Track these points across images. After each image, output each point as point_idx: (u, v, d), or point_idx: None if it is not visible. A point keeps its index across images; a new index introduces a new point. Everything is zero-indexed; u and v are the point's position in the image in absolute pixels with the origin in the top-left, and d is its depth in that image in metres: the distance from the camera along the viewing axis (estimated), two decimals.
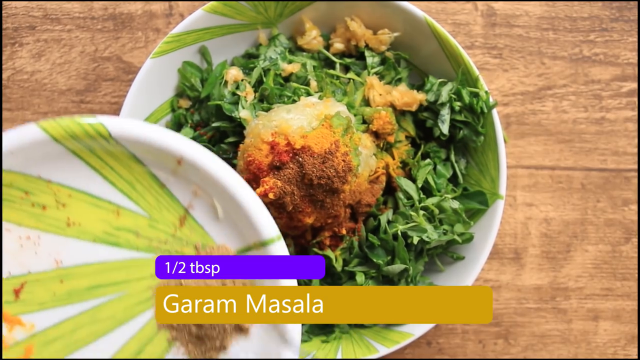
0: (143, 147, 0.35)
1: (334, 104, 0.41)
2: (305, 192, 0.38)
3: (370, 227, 0.44)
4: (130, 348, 0.35)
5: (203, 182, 0.36)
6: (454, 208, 0.43)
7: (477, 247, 0.44)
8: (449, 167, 0.46)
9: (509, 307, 0.51)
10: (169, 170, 0.36)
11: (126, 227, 0.36)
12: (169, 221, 0.36)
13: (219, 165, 0.36)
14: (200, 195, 0.37)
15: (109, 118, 0.35)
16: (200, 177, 0.36)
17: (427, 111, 0.45)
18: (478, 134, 0.44)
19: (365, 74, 0.45)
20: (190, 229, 0.37)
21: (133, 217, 0.36)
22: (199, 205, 0.37)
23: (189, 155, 0.35)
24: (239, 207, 0.36)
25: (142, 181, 0.36)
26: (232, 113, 0.43)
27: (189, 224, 0.37)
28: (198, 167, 0.36)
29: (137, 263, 0.36)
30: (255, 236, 0.36)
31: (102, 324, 0.36)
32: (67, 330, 0.35)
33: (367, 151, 0.42)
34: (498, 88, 0.52)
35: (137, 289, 0.36)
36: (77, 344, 0.35)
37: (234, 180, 0.36)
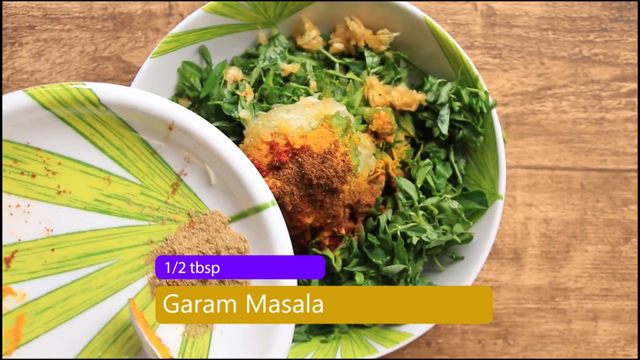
0: (133, 113, 0.35)
1: (334, 104, 0.42)
2: (304, 192, 0.38)
3: (370, 227, 0.44)
4: (123, 316, 0.35)
5: (195, 148, 0.36)
6: (454, 208, 0.44)
7: (477, 247, 0.44)
8: (448, 167, 0.46)
9: (509, 307, 0.51)
10: (160, 136, 0.36)
11: (117, 195, 0.36)
12: (161, 188, 0.36)
13: (210, 131, 0.36)
14: (192, 161, 0.37)
15: (97, 84, 0.35)
16: (192, 143, 0.36)
17: (427, 111, 0.45)
18: (477, 134, 0.44)
19: (364, 74, 0.46)
20: (183, 195, 0.37)
21: (124, 185, 0.36)
22: (191, 172, 0.37)
23: (180, 121, 0.35)
24: (232, 173, 0.36)
25: (133, 148, 0.36)
26: (232, 113, 0.43)
27: (181, 191, 0.37)
28: (190, 133, 0.36)
29: (129, 230, 0.36)
30: (249, 202, 0.36)
31: (95, 293, 0.35)
32: (59, 299, 0.35)
33: (366, 151, 0.42)
34: (497, 88, 0.52)
35: (129, 257, 0.36)
36: (70, 312, 0.35)
37: (226, 145, 0.36)
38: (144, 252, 0.36)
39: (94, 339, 0.35)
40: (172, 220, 0.36)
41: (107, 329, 0.35)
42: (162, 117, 0.35)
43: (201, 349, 0.35)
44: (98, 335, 0.35)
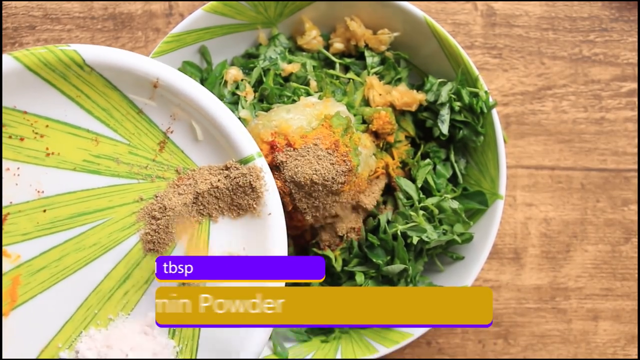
0: (118, 72, 0.36)
1: (334, 104, 0.42)
2: (304, 192, 0.39)
3: (370, 227, 0.44)
4: (117, 273, 0.36)
5: (180, 105, 0.37)
6: (454, 208, 0.44)
7: (477, 247, 0.45)
8: (448, 167, 0.46)
9: (509, 307, 0.52)
10: (145, 94, 0.37)
11: (106, 155, 0.37)
12: (149, 146, 0.37)
13: (195, 87, 0.36)
14: (178, 118, 0.37)
15: (82, 45, 0.36)
16: (177, 100, 0.37)
17: (427, 111, 0.45)
18: (478, 134, 0.45)
19: (365, 74, 0.46)
20: (171, 153, 0.37)
21: (112, 145, 0.37)
22: (178, 129, 0.37)
23: (165, 78, 0.36)
24: (217, 127, 0.36)
25: (119, 108, 0.37)
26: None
27: (168, 148, 0.37)
28: (175, 90, 0.36)
29: (119, 189, 0.37)
30: (235, 155, 0.37)
31: (88, 251, 0.36)
32: (53, 259, 0.36)
33: (366, 151, 0.42)
34: (498, 88, 0.52)
35: (120, 215, 0.36)
36: (64, 272, 0.36)
37: (211, 100, 0.36)
38: (135, 210, 0.37)
39: (90, 296, 0.36)
40: (161, 178, 0.37)
41: (102, 287, 0.36)
42: (146, 75, 0.36)
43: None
44: (93, 292, 0.36)
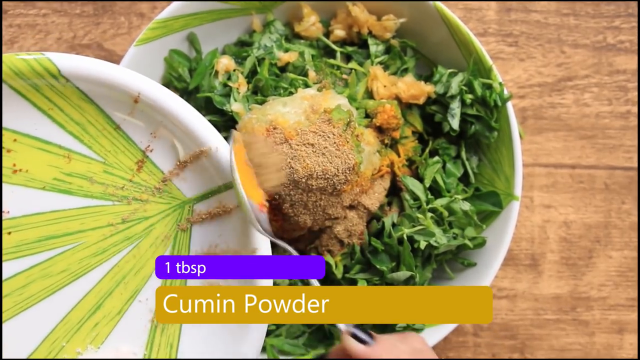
0: (96, 85, 0.36)
1: (334, 97, 0.42)
2: (302, 193, 0.39)
3: (374, 230, 0.45)
4: (88, 303, 0.36)
5: (163, 122, 0.37)
6: (465, 210, 0.44)
7: (490, 253, 0.45)
8: (459, 166, 0.46)
9: (525, 318, 0.52)
10: (124, 110, 0.37)
11: (79, 173, 0.37)
12: (126, 165, 0.37)
13: (179, 104, 0.37)
14: (159, 136, 0.37)
15: (57, 54, 0.35)
16: (159, 117, 0.37)
17: (436, 104, 0.46)
18: (491, 129, 0.45)
19: (368, 64, 0.46)
20: (149, 173, 0.37)
21: (86, 162, 0.37)
22: (158, 148, 0.38)
23: (147, 92, 0.36)
24: (202, 148, 0.37)
25: (95, 123, 0.37)
26: (223, 106, 0.44)
27: (147, 168, 0.37)
28: (157, 106, 0.36)
29: (92, 211, 0.37)
30: (221, 179, 0.37)
31: (56, 278, 0.36)
32: (17, 287, 0.36)
33: (370, 148, 0.43)
34: (513, 79, 0.53)
35: (93, 239, 0.37)
36: (29, 301, 0.36)
37: (195, 119, 0.37)
38: (106, 234, 0.37)
39: (56, 327, 0.36)
40: (138, 200, 0.37)
41: (70, 317, 0.36)
42: (127, 89, 0.36)
43: (171, 335, 0.37)
44: (60, 324, 0.36)
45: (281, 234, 0.43)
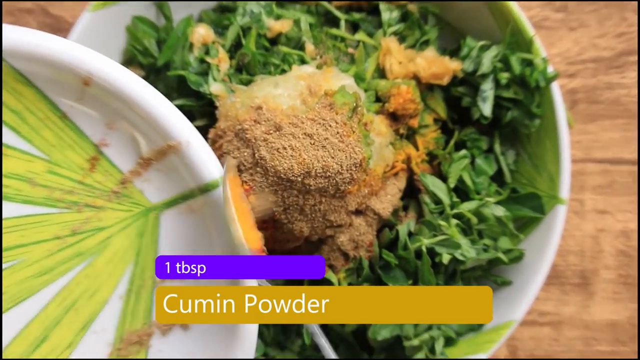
0: (36, 63, 0.35)
1: (337, 76, 0.43)
2: (298, 195, 0.40)
3: (386, 240, 0.45)
4: (30, 335, 0.37)
5: (120, 111, 0.37)
6: (498, 216, 0.45)
7: (530, 269, 0.46)
8: (491, 161, 0.47)
9: (573, 349, 0.53)
10: (72, 95, 0.37)
11: (16, 174, 0.37)
12: (75, 164, 0.37)
13: (141, 87, 0.37)
14: (116, 128, 0.38)
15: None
16: (116, 104, 0.37)
17: (464, 85, 0.47)
18: (532, 116, 0.46)
19: (379, 35, 0.47)
20: (104, 173, 0.38)
21: (25, 160, 0.37)
22: (115, 142, 0.38)
23: (101, 73, 0.36)
24: (170, 141, 0.37)
25: (37, 111, 0.37)
26: (200, 87, 0.45)
27: (102, 167, 0.38)
28: (113, 90, 0.36)
29: (33, 221, 0.37)
30: (194, 179, 0.37)
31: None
32: None
33: (381, 139, 0.44)
34: (561, 53, 0.54)
35: (35, 256, 0.37)
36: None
37: (162, 106, 0.37)
38: (52, 249, 0.37)
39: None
40: (91, 207, 0.38)
41: (9, 352, 0.37)
42: (75, 69, 0.36)
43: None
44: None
45: (272, 245, 0.44)
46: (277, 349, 0.46)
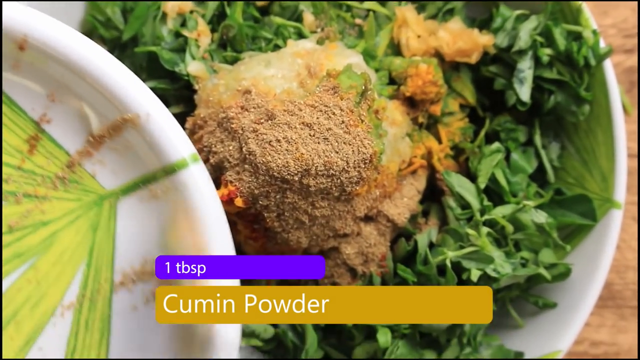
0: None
1: (343, 53, 0.44)
2: (294, 197, 0.41)
3: (402, 253, 0.46)
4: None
5: (64, 79, 0.37)
6: (540, 223, 0.45)
7: (578, 288, 0.46)
8: (531, 156, 0.48)
9: None
10: (6, 63, 0.37)
11: None
12: (11, 146, 0.38)
13: (88, 50, 0.37)
14: (60, 100, 0.38)
15: None
16: (59, 71, 0.37)
17: (496, 64, 0.47)
18: (580, 101, 0.46)
19: (393, 4, 0.47)
20: (47, 155, 0.38)
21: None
22: (59, 117, 0.38)
23: (38, 35, 0.36)
24: (125, 114, 0.37)
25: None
26: (176, 67, 0.46)
27: (44, 148, 0.38)
28: (55, 54, 0.36)
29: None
30: (157, 159, 0.38)
31: None
32: None
33: (396, 130, 0.44)
34: (616, 24, 0.54)
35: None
36: None
37: (115, 72, 0.37)
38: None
39: None
40: (32, 196, 0.38)
41: None
42: (7, 30, 0.36)
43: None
44: None
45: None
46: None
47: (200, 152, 0.42)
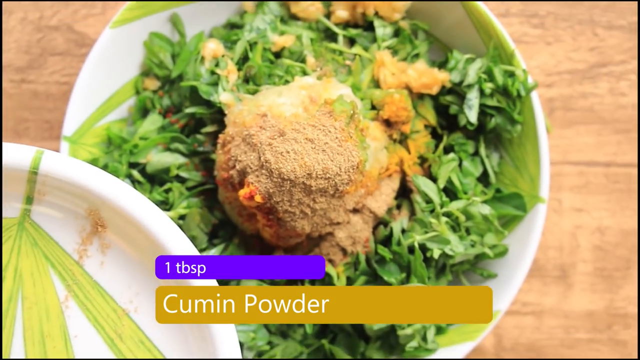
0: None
1: (336, 86, 0.43)
2: (300, 195, 0.40)
3: (381, 237, 0.45)
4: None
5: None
6: (484, 214, 0.45)
7: (513, 263, 0.45)
8: (477, 164, 0.47)
9: (554, 337, 0.53)
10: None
11: None
12: None
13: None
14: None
15: None
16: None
17: (451, 94, 0.46)
18: (514, 122, 0.46)
19: (374, 49, 0.47)
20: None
21: None
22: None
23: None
24: None
25: None
26: (211, 96, 0.45)
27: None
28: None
29: None
30: (12, 172, 0.35)
31: None
32: None
33: (376, 144, 0.43)
34: (539, 65, 0.54)
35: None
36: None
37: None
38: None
39: None
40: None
41: None
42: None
43: None
44: None
45: (276, 241, 0.44)
46: (281, 338, 0.46)
47: (229, 161, 0.41)
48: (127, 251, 0.37)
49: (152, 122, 0.46)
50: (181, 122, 0.46)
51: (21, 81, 0.52)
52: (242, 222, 0.45)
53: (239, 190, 0.40)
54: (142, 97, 0.48)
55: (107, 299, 0.37)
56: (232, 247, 0.46)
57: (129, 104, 0.48)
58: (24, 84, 0.52)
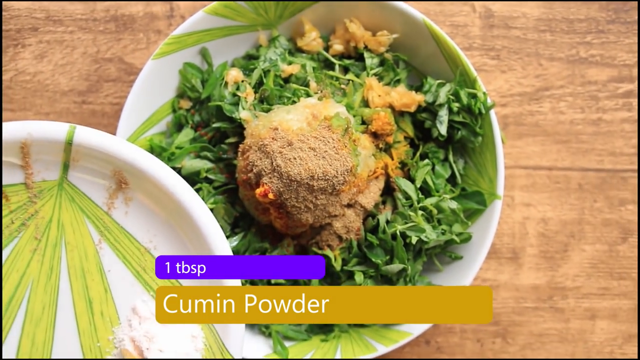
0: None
1: (334, 105, 0.42)
2: (304, 192, 0.39)
3: (369, 226, 0.44)
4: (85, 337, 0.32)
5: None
6: (452, 208, 0.44)
7: (475, 247, 0.45)
8: (447, 168, 0.46)
9: (507, 306, 0.51)
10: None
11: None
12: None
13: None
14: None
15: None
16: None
17: (426, 112, 0.45)
18: (476, 134, 0.44)
19: (364, 75, 0.46)
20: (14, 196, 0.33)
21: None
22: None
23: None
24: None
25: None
26: (233, 114, 0.44)
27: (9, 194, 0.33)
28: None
29: (12, 259, 0.33)
30: (50, 143, 0.33)
31: None
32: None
33: (366, 152, 0.42)
34: (496, 89, 0.52)
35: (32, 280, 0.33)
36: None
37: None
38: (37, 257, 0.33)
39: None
40: (33, 216, 0.33)
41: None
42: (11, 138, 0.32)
43: None
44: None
45: (285, 230, 0.43)
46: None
47: (247, 166, 0.41)
48: (145, 202, 0.35)
49: (186, 134, 0.45)
50: (209, 134, 0.45)
51: (82, 102, 0.51)
52: (258, 214, 0.44)
53: (255, 189, 0.40)
54: (177, 115, 0.46)
55: (132, 240, 0.35)
56: (250, 235, 0.44)
57: (167, 120, 0.47)
58: (84, 104, 0.51)
